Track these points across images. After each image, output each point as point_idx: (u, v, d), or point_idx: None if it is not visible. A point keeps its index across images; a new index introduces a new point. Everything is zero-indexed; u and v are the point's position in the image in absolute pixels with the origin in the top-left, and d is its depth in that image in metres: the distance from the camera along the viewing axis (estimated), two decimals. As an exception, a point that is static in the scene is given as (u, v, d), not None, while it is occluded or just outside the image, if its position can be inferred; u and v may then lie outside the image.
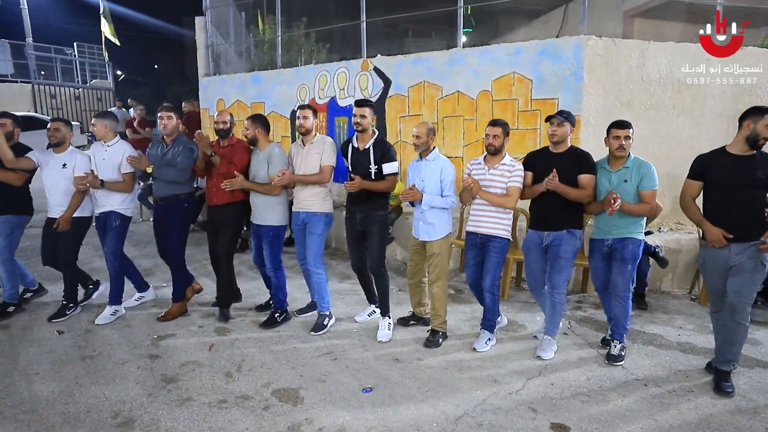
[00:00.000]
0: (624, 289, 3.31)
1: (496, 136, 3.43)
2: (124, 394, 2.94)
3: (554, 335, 3.53)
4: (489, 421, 2.69)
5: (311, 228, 3.85)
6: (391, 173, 3.65)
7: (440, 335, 3.68)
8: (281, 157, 3.87)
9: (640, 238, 3.30)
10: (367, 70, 6.41)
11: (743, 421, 2.70)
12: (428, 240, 3.63)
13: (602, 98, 5.13)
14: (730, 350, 3.02)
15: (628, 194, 3.23)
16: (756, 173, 2.90)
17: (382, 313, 3.85)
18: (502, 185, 3.44)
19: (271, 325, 3.94)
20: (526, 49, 5.34)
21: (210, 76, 8.33)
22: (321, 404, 2.85)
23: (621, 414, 2.76)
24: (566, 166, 3.29)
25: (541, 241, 3.44)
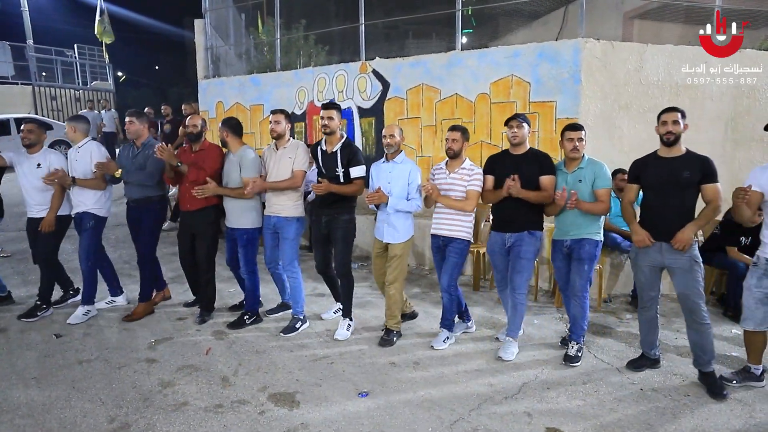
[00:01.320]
0: (581, 289, 3.37)
1: (455, 140, 3.50)
2: (121, 398, 2.95)
3: (516, 336, 3.56)
4: (484, 426, 2.69)
5: (283, 233, 3.89)
6: (358, 177, 3.68)
7: (394, 334, 3.75)
8: (253, 161, 3.88)
9: (597, 238, 3.36)
10: (365, 72, 6.41)
11: (739, 425, 2.70)
12: (392, 242, 3.67)
13: (600, 101, 5.13)
14: (703, 351, 3.07)
15: (584, 194, 3.31)
16: (682, 174, 2.97)
17: (344, 314, 3.92)
18: (462, 189, 3.50)
19: (239, 326, 3.99)
20: (525, 51, 5.35)
21: (209, 78, 8.34)
22: (317, 409, 2.85)
23: (616, 419, 2.76)
24: (527, 168, 3.36)
25: (504, 243, 3.48)
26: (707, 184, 2.96)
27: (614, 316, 4.34)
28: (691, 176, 2.96)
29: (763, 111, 5.39)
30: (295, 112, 7.15)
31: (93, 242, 4.12)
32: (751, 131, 5.35)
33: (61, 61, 16.43)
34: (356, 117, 6.54)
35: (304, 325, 3.99)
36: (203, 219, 3.99)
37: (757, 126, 5.39)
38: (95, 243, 4.16)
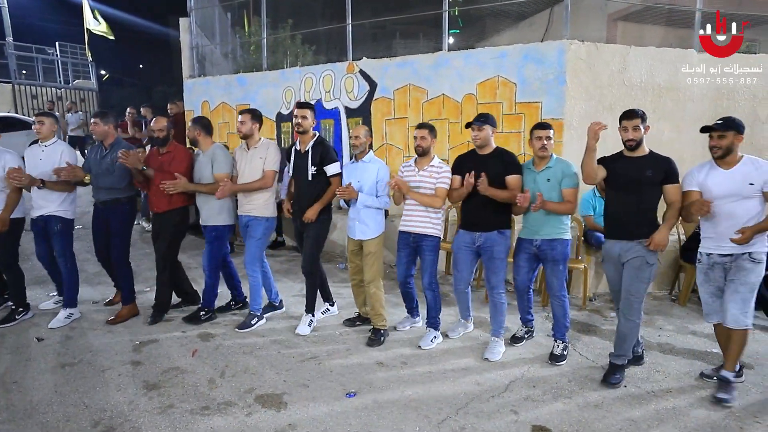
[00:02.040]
0: (559, 288, 3.41)
1: (423, 137, 3.54)
2: (105, 401, 2.91)
3: (500, 336, 3.60)
4: (471, 424, 2.71)
5: (251, 231, 3.93)
6: (334, 174, 3.72)
7: (382, 333, 3.76)
8: (226, 157, 3.91)
9: (567, 237, 3.41)
10: (352, 72, 6.41)
11: (719, 420, 2.75)
12: (363, 239, 3.69)
13: (585, 102, 5.20)
14: (621, 345, 3.17)
15: (551, 193, 3.33)
16: (645, 173, 3.03)
17: (307, 309, 3.97)
18: (431, 186, 3.54)
19: (194, 321, 4.02)
20: (510, 52, 5.39)
21: (195, 77, 8.26)
22: (304, 410, 2.85)
23: (601, 415, 2.80)
24: (493, 168, 3.39)
25: (473, 242, 3.52)
26: (669, 184, 3.03)
27: (599, 315, 4.40)
28: (654, 176, 3.02)
29: (742, 112, 5.51)
30: (281, 112, 7.12)
31: (66, 245, 4.06)
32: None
33: (42, 59, 16.11)
34: (343, 117, 6.53)
35: (260, 322, 4.04)
36: (168, 220, 4.00)
37: (736, 127, 5.52)
38: (69, 245, 4.10)
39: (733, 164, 2.92)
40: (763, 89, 5.55)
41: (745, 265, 2.90)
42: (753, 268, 2.89)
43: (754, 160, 2.91)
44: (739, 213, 2.89)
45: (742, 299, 2.90)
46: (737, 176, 2.89)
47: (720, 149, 2.90)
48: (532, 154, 3.46)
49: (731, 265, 2.94)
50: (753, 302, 2.94)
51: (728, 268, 2.96)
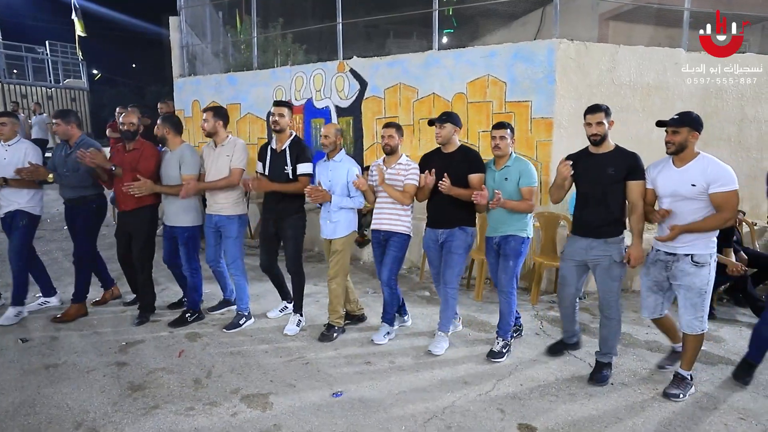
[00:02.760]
0: (507, 284, 3.42)
1: (390, 136, 3.57)
2: (88, 403, 2.88)
3: (447, 330, 3.62)
4: (457, 423, 2.70)
5: (225, 232, 3.92)
6: (304, 173, 3.71)
7: (335, 330, 3.79)
8: (193, 157, 3.89)
9: (524, 235, 3.42)
10: (343, 71, 6.39)
11: (704, 417, 2.76)
12: (333, 237, 3.72)
13: (574, 101, 5.20)
14: (606, 343, 3.19)
15: (510, 192, 3.35)
16: (606, 170, 3.02)
17: (295, 309, 3.98)
18: (399, 183, 3.57)
19: (181, 324, 3.99)
20: (500, 52, 5.40)
21: (185, 76, 8.22)
22: (290, 410, 2.83)
23: (587, 413, 2.81)
24: (457, 166, 3.42)
25: (437, 239, 3.54)
26: (631, 180, 2.99)
27: (588, 313, 4.41)
28: (616, 173, 3.01)
29: (731, 111, 5.55)
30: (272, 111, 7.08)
31: (25, 241, 4.03)
32: (719, 131, 5.49)
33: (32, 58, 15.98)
34: (334, 116, 6.51)
35: (248, 321, 4.04)
36: (139, 219, 3.96)
37: (724, 126, 5.55)
38: (27, 242, 4.06)
39: (687, 162, 2.84)
40: (751, 89, 5.59)
41: (687, 269, 2.84)
42: (696, 273, 2.82)
43: (707, 161, 2.79)
44: (683, 213, 2.83)
45: (693, 305, 2.86)
46: (684, 175, 2.82)
47: (673, 145, 2.83)
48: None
49: (673, 265, 2.90)
50: (707, 306, 2.89)
51: (670, 267, 2.92)
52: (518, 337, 3.79)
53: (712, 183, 2.73)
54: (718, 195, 2.73)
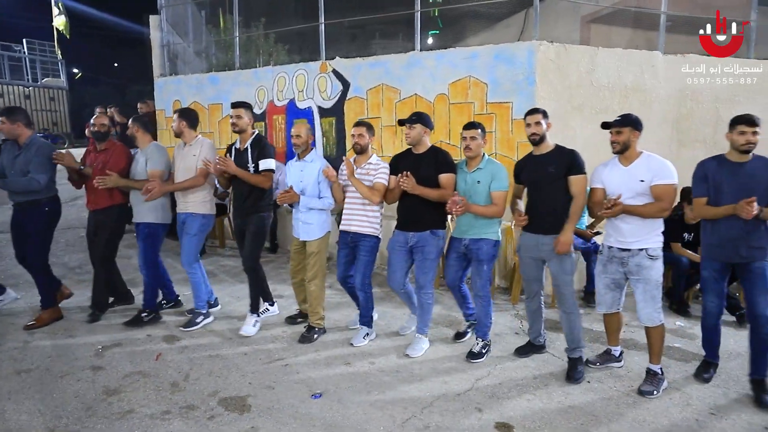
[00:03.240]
0: (481, 288, 3.45)
1: (360, 135, 3.57)
2: (61, 408, 2.82)
3: (425, 333, 3.64)
4: (436, 423, 2.71)
5: (187, 228, 3.93)
6: (265, 169, 3.72)
7: (316, 331, 3.80)
8: (161, 155, 3.92)
9: (495, 238, 3.44)
10: (325, 72, 6.38)
11: (676, 413, 2.82)
12: (307, 240, 3.72)
13: (555, 102, 5.26)
14: (571, 338, 3.28)
15: (481, 195, 3.36)
16: (548, 169, 3.14)
17: (252, 309, 3.96)
18: (369, 182, 3.56)
19: (136, 324, 3.95)
20: (482, 53, 5.43)
21: (166, 76, 8.11)
22: (268, 412, 2.81)
23: (563, 410, 2.84)
24: (426, 167, 3.43)
25: (407, 242, 3.53)
26: (572, 175, 3.11)
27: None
28: (556, 171, 3.13)
29: (705, 113, 5.66)
30: (254, 111, 7.02)
31: None
32: (695, 132, 5.60)
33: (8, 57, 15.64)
34: (317, 117, 6.49)
35: (206, 320, 4.02)
36: (104, 217, 3.95)
37: (700, 127, 5.66)
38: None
39: (631, 161, 3.01)
40: (726, 91, 5.71)
41: (644, 262, 2.98)
42: (652, 265, 2.99)
43: (650, 157, 2.99)
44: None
45: (652, 297, 3.01)
46: (631, 173, 2.99)
47: (618, 144, 3.00)
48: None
49: (629, 260, 3.03)
50: (660, 298, 3.05)
51: (626, 263, 3.04)
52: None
53: (655, 176, 2.92)
54: (658, 187, 2.91)
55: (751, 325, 2.99)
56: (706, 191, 3.03)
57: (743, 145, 2.89)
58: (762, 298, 2.92)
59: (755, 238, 2.91)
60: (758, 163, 2.92)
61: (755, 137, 2.87)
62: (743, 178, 2.90)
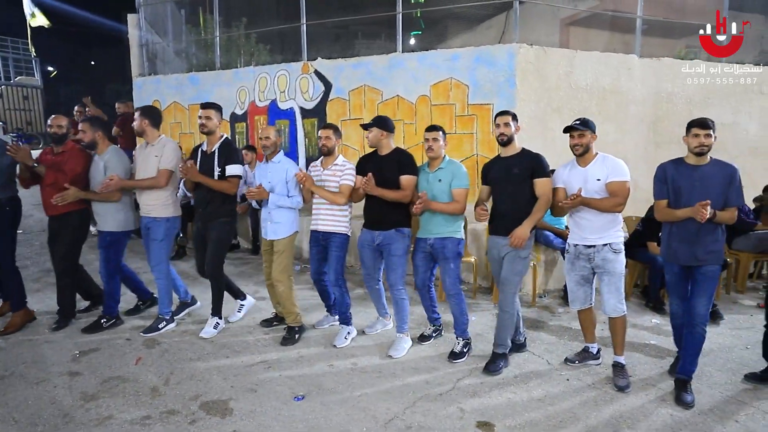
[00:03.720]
0: (452, 286, 3.51)
1: (327, 137, 3.64)
2: (37, 416, 2.76)
3: (404, 331, 3.68)
4: (418, 423, 2.73)
5: (152, 234, 3.88)
6: (233, 175, 3.71)
7: (296, 331, 3.81)
8: (120, 160, 3.85)
9: (459, 236, 3.51)
10: (307, 73, 6.36)
11: (652, 408, 2.89)
12: (275, 239, 3.74)
13: (534, 104, 5.35)
14: (499, 335, 3.37)
15: (443, 193, 3.44)
16: (512, 171, 3.24)
17: (213, 312, 3.95)
18: (335, 183, 3.63)
19: (96, 330, 3.90)
20: (463, 55, 5.49)
21: (145, 75, 7.99)
22: (250, 415, 2.80)
23: (544, 409, 2.88)
24: (389, 168, 3.50)
25: (373, 240, 3.60)
26: (537, 178, 3.21)
27: (548, 311, 4.53)
28: (521, 173, 3.22)
29: (680, 115, 5.80)
30: (236, 112, 6.98)
31: None
32: (670, 134, 5.74)
33: (-20, 54, 15.21)
34: (299, 117, 6.47)
35: (169, 326, 3.99)
36: (64, 224, 3.85)
37: (675, 129, 5.80)
38: None
39: (588, 162, 3.15)
40: (698, 93, 5.87)
41: (609, 256, 3.13)
42: (616, 258, 3.13)
43: (605, 157, 3.14)
44: (590, 208, 3.10)
45: (616, 289, 3.15)
46: (589, 173, 3.13)
47: (581, 147, 3.12)
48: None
49: (594, 255, 3.16)
50: (623, 290, 3.19)
51: (592, 258, 3.17)
52: (438, 336, 3.85)
53: (610, 174, 3.07)
54: (613, 183, 3.06)
55: (688, 323, 3.04)
56: (666, 193, 3.09)
57: (696, 148, 2.96)
58: (704, 299, 3.00)
59: (710, 242, 2.98)
60: (714, 167, 2.98)
61: (708, 140, 2.93)
62: (699, 181, 2.96)
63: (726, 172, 2.94)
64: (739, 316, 4.48)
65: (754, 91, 5.99)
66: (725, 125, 5.89)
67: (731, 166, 2.97)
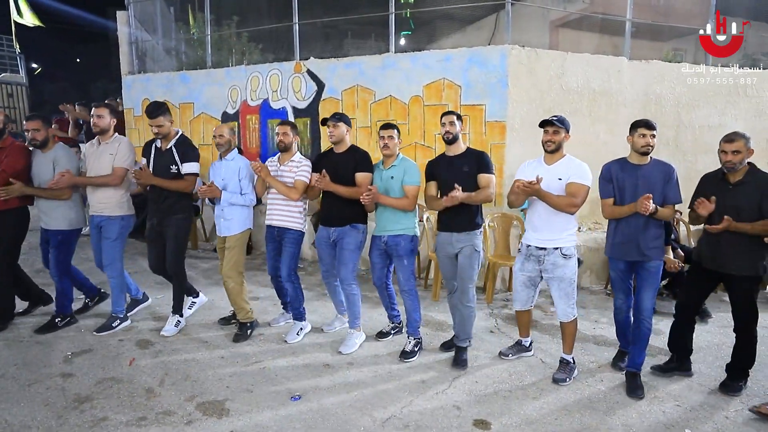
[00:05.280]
0: (406, 282, 3.56)
1: (285, 133, 3.68)
2: (30, 418, 2.73)
3: (356, 327, 3.72)
4: (415, 422, 2.75)
5: (105, 232, 3.84)
6: (190, 173, 3.71)
7: (248, 326, 3.84)
8: (69, 158, 3.80)
9: (411, 233, 3.54)
10: (300, 72, 6.35)
11: (644, 406, 2.94)
12: (227, 235, 3.76)
13: (526, 105, 5.39)
14: (463, 329, 3.43)
15: (395, 190, 3.49)
16: (462, 169, 3.30)
17: (174, 310, 3.95)
18: (291, 179, 3.67)
19: (50, 330, 3.85)
20: (456, 56, 5.51)
21: (134, 74, 7.90)
22: (247, 415, 2.79)
23: (538, 406, 2.92)
24: (345, 165, 3.55)
25: (329, 237, 3.65)
26: (481, 174, 3.28)
27: (540, 310, 4.57)
28: (470, 170, 3.29)
29: (668, 117, 5.90)
30: (227, 111, 6.94)
31: None
32: (659, 135, 5.77)
33: (-38, 51, 14.90)
34: (291, 117, 6.44)
35: (123, 324, 3.96)
36: (4, 222, 3.74)
37: (663, 131, 5.88)
38: None
39: (556, 161, 3.17)
40: (686, 95, 5.97)
41: (558, 261, 3.15)
42: (566, 264, 3.15)
43: (571, 159, 3.16)
44: (551, 208, 3.11)
45: (566, 294, 3.19)
46: (552, 171, 3.14)
47: (553, 144, 3.13)
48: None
49: (544, 259, 3.19)
50: (575, 295, 3.22)
51: (542, 261, 3.20)
52: (397, 334, 3.88)
53: (572, 176, 3.10)
54: (573, 185, 3.08)
55: (635, 318, 3.20)
56: (611, 192, 3.19)
57: (643, 147, 3.08)
58: (649, 293, 3.14)
59: (652, 237, 3.10)
60: (655, 166, 3.12)
61: (653, 140, 3.08)
62: (642, 180, 3.08)
63: (665, 171, 3.09)
64: (727, 314, 4.54)
65: (739, 94, 6.10)
66: (712, 127, 6.01)
67: (669, 166, 3.12)
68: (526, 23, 7.99)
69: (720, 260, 3.03)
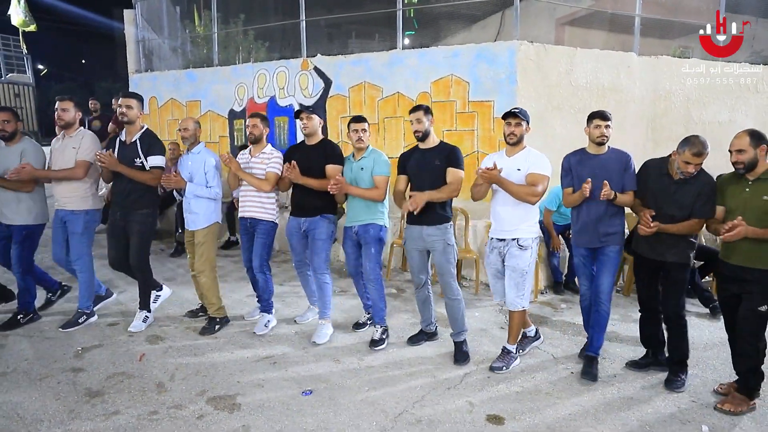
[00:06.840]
0: (371, 272, 3.58)
1: (255, 125, 3.71)
2: (42, 412, 2.73)
3: (327, 317, 3.74)
4: (427, 417, 2.73)
5: (71, 227, 3.81)
6: (155, 166, 3.69)
7: (217, 322, 3.86)
8: (36, 151, 3.79)
9: (380, 223, 3.57)
10: (307, 69, 6.34)
11: (660, 402, 2.91)
12: (194, 229, 3.77)
13: (535, 101, 5.36)
14: (455, 323, 3.45)
15: (365, 181, 3.52)
16: (434, 162, 3.32)
17: (141, 306, 3.95)
18: (262, 171, 3.69)
19: (13, 327, 3.82)
20: (464, 52, 5.49)
21: (141, 72, 7.92)
22: (258, 410, 2.78)
23: (551, 402, 2.90)
24: (316, 157, 3.59)
25: (300, 227, 3.67)
26: (450, 167, 3.29)
27: (550, 307, 4.55)
28: (441, 163, 3.31)
29: (678, 113, 5.86)
30: (234, 109, 6.94)
31: None
32: (668, 131, 5.79)
33: (-31, 51, 14.99)
34: (298, 114, 6.43)
35: (90, 319, 3.94)
36: None
37: (672, 127, 5.86)
38: None
39: (516, 152, 3.21)
40: (695, 92, 5.93)
41: (514, 252, 3.18)
42: (521, 255, 3.17)
43: (530, 151, 3.20)
44: (511, 199, 3.14)
45: (516, 284, 3.20)
46: (512, 163, 3.18)
47: (515, 136, 3.17)
48: None
49: (505, 250, 3.23)
50: (528, 285, 3.24)
51: (503, 252, 3.24)
52: (372, 325, 3.83)
53: (531, 166, 3.14)
54: (532, 175, 3.13)
55: (594, 302, 3.26)
56: (570, 182, 3.27)
57: (598, 137, 3.16)
58: (606, 278, 3.21)
59: (611, 225, 3.19)
60: (612, 155, 3.20)
61: (608, 130, 3.15)
62: (599, 169, 3.15)
63: (622, 159, 3.16)
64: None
65: (750, 90, 6.06)
66: (722, 123, 5.97)
67: (626, 154, 3.19)
68: (530, 22, 7.96)
69: (659, 249, 3.08)
